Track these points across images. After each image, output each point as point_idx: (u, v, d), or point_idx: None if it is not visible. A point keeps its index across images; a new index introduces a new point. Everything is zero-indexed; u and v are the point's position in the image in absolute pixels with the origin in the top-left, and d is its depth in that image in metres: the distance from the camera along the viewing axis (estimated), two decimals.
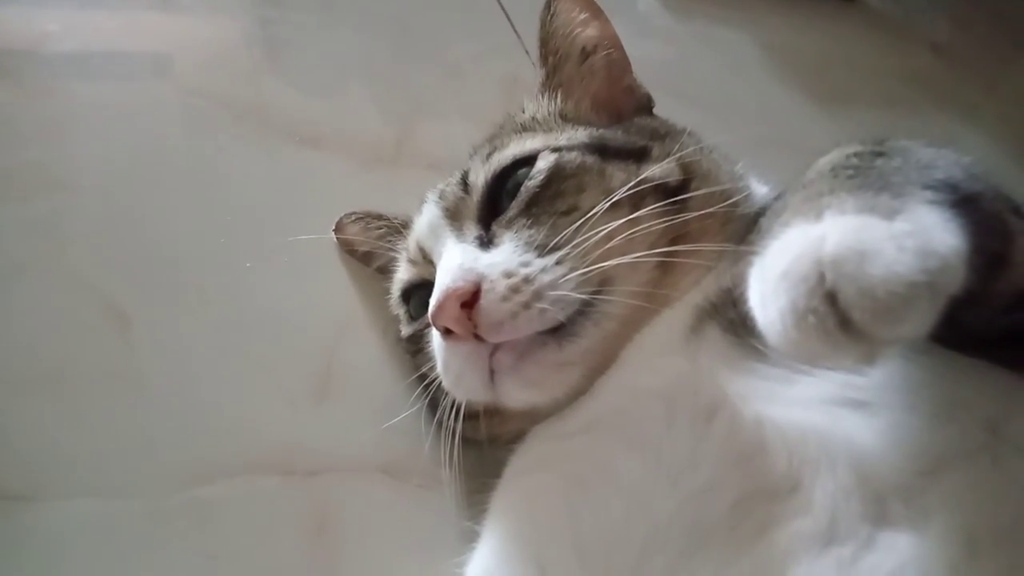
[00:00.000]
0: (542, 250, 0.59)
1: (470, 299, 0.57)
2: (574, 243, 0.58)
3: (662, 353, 0.58)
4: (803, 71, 1.43)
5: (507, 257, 0.59)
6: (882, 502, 0.45)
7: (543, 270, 0.57)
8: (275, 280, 0.83)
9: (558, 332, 0.58)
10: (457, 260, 0.60)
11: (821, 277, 0.38)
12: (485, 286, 0.57)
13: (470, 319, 0.57)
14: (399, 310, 0.75)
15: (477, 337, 0.57)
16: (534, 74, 0.80)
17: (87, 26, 1.10)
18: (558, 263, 0.58)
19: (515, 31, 1.27)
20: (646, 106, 0.77)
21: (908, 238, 0.37)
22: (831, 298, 0.37)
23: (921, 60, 1.57)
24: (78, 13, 1.12)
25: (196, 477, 0.68)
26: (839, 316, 0.37)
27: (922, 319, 0.37)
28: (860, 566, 0.44)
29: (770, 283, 0.40)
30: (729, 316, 0.54)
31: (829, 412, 0.49)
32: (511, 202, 0.63)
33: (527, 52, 1.21)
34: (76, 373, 0.72)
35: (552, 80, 0.76)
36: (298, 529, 0.67)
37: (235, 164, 0.95)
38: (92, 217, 0.84)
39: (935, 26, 1.66)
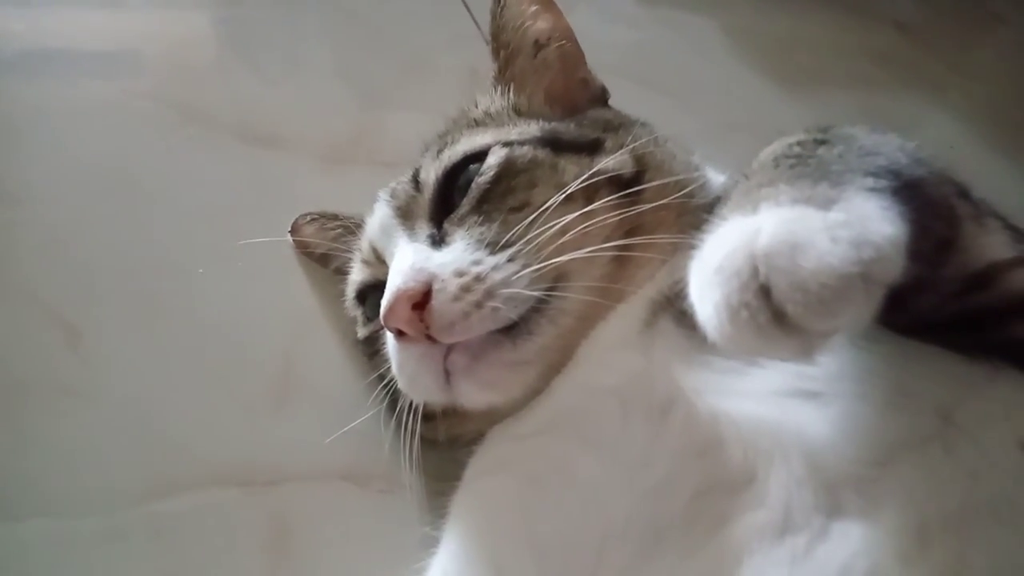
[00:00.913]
0: (494, 247, 0.58)
1: (421, 300, 0.55)
2: (527, 239, 0.57)
3: (617, 349, 0.57)
4: (768, 54, 1.43)
5: (458, 256, 0.57)
6: (835, 492, 0.45)
7: (494, 268, 0.56)
8: (229, 286, 0.81)
9: (512, 331, 0.57)
10: (408, 260, 0.59)
11: (754, 271, 0.37)
12: (436, 286, 0.56)
13: (422, 320, 0.55)
14: (355, 312, 0.74)
15: (430, 338, 0.56)
16: (493, 66, 0.78)
17: (33, 27, 1.07)
18: (510, 260, 0.57)
19: (475, 22, 1.25)
20: (601, 97, 0.76)
21: (842, 228, 0.36)
22: (764, 292, 0.37)
23: (886, 38, 1.57)
24: (23, 13, 1.08)
25: (152, 492, 0.66)
26: (772, 310, 0.36)
27: (858, 311, 0.36)
28: (814, 556, 0.43)
29: (706, 277, 0.39)
30: (681, 308, 0.53)
31: (781, 404, 0.49)
32: (463, 199, 0.62)
33: (487, 43, 1.19)
34: (25, 389, 0.70)
35: (504, 74, 0.75)
36: (258, 540, 0.66)
37: (188, 167, 0.93)
38: (38, 226, 0.82)
39: (898, 4, 1.66)
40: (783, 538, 0.44)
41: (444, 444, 0.66)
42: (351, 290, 0.74)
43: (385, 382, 0.65)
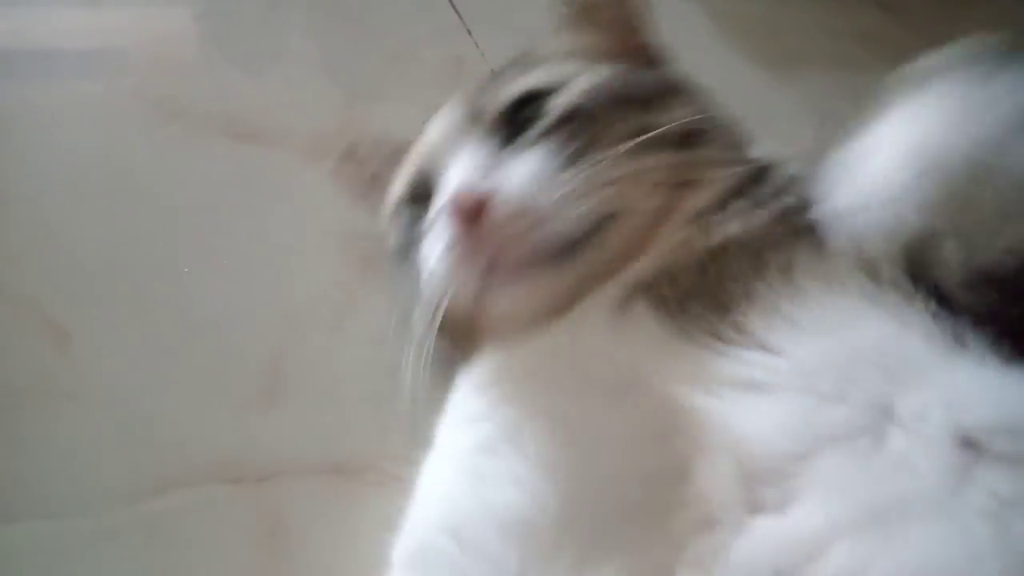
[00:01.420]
0: (555, 175, 0.59)
1: (481, 202, 0.57)
2: (586, 175, 0.58)
3: (596, 321, 0.57)
4: (753, 37, 1.42)
5: (522, 171, 0.59)
6: (755, 487, 0.44)
7: (553, 189, 0.58)
8: (218, 282, 0.81)
9: (555, 252, 0.58)
10: (477, 161, 0.60)
11: None
12: (498, 196, 0.57)
13: (478, 222, 0.56)
14: (394, 219, 0.72)
15: (477, 241, 0.57)
16: (479, 57, 0.78)
17: (13, 26, 1.06)
18: (568, 190, 0.58)
19: (457, 12, 1.24)
20: (663, 59, 0.77)
21: None
22: None
23: (870, 18, 1.57)
24: (3, 13, 1.08)
25: (144, 490, 0.67)
26: None
27: None
28: (732, 553, 0.42)
29: None
30: (663, 293, 0.54)
31: (725, 394, 0.48)
32: (530, 127, 0.63)
33: (470, 33, 1.19)
34: (14, 390, 0.71)
35: (579, 20, 0.75)
36: (252, 536, 0.66)
37: (173, 163, 0.92)
38: (23, 226, 0.82)
39: None
40: (710, 532, 0.43)
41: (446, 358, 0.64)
42: (397, 192, 0.72)
43: (406, 295, 0.64)
